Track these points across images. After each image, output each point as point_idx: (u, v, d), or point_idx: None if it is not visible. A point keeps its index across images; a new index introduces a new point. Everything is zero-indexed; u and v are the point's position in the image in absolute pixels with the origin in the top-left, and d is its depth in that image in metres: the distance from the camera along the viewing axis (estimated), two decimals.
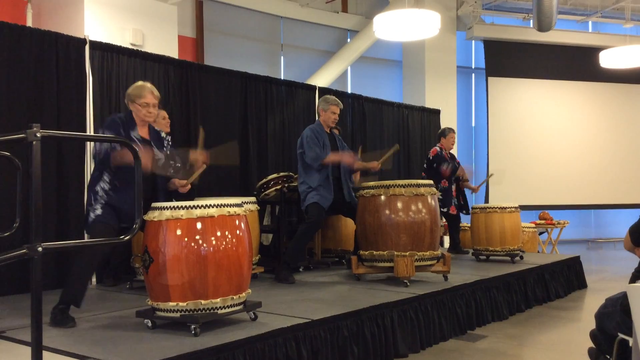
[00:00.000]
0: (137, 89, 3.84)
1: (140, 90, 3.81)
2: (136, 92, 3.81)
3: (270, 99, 7.16)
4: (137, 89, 3.83)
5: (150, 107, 3.80)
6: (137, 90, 3.82)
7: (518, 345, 4.33)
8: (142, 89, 3.82)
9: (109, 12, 6.81)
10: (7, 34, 4.86)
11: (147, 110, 3.80)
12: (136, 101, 3.79)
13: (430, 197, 4.87)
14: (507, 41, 12.06)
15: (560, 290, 6.21)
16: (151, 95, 3.80)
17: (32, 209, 1.98)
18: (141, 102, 3.78)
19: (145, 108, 3.78)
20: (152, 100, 3.80)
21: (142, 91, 3.80)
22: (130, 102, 3.84)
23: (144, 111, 3.79)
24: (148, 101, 3.79)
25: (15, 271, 4.65)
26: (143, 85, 3.85)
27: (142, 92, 3.79)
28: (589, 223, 13.40)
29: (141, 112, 3.79)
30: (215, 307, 3.19)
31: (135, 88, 3.86)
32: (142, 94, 3.79)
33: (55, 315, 3.46)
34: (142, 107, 3.78)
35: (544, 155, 12.05)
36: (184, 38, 8.70)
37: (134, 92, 3.82)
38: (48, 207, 4.90)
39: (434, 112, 9.98)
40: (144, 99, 3.78)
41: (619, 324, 2.70)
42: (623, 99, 12.65)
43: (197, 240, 3.15)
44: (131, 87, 3.92)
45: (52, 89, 5.11)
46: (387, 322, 3.90)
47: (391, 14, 7.60)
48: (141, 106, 3.78)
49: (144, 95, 3.78)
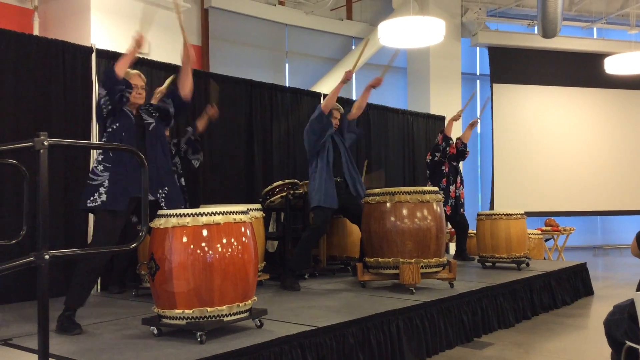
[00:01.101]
0: (125, 74, 3.92)
1: (127, 74, 3.89)
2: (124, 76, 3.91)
3: (276, 106, 7.17)
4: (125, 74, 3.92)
5: (139, 89, 3.90)
6: (125, 75, 3.91)
7: (524, 352, 4.31)
8: (128, 72, 3.91)
9: (115, 20, 6.85)
10: (14, 42, 4.89)
11: (137, 92, 3.89)
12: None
13: (435, 204, 4.87)
14: (511, 48, 12.06)
15: (567, 298, 6.18)
16: (139, 78, 3.93)
17: (39, 217, 1.99)
18: (132, 84, 3.86)
19: (134, 90, 3.87)
20: (140, 82, 3.91)
21: (129, 75, 3.89)
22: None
23: (133, 93, 3.87)
24: (136, 82, 3.89)
25: (22, 279, 4.66)
26: (127, 71, 3.93)
27: (129, 75, 3.88)
28: (595, 229, 13.34)
29: (131, 94, 3.86)
30: (221, 315, 3.19)
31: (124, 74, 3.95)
32: (129, 76, 3.88)
33: (62, 323, 3.47)
34: (132, 88, 3.87)
35: (550, 161, 12.02)
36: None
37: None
38: (55, 215, 4.92)
39: (439, 118, 9.98)
40: (132, 81, 3.87)
41: (627, 332, 2.69)
42: (628, 105, 12.62)
43: (203, 247, 3.16)
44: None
45: (58, 97, 5.13)
46: (393, 330, 3.89)
47: (396, 21, 7.62)
48: (132, 88, 3.88)
49: (132, 78, 3.88)
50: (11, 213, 4.64)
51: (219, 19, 9.49)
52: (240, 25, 9.75)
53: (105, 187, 3.59)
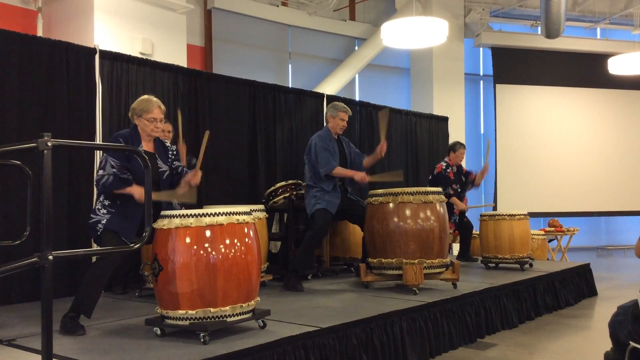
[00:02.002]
0: (143, 102, 3.76)
1: (148, 105, 3.73)
2: (143, 106, 3.74)
3: (279, 107, 7.18)
4: (143, 103, 3.76)
5: (158, 122, 3.74)
6: (143, 104, 3.75)
7: (528, 353, 4.30)
8: (149, 103, 3.74)
9: (119, 21, 6.86)
10: (17, 43, 4.90)
11: (155, 125, 3.73)
12: (143, 116, 3.72)
13: (438, 205, 4.86)
14: (515, 48, 12.04)
15: (570, 298, 6.17)
16: (158, 110, 3.74)
17: (43, 218, 2.00)
18: (149, 117, 3.71)
19: (152, 123, 3.72)
20: (160, 115, 3.75)
21: (150, 106, 3.73)
22: (136, 116, 3.76)
23: (151, 126, 3.72)
24: (155, 116, 3.72)
25: (26, 279, 4.67)
26: (149, 100, 3.77)
27: (150, 107, 3.72)
28: (599, 230, 13.30)
29: (148, 127, 3.72)
30: (224, 315, 3.19)
31: (142, 102, 3.78)
32: (150, 108, 3.72)
33: (66, 323, 3.47)
34: (149, 122, 3.72)
35: (553, 162, 12.00)
36: (193, 47, 8.75)
37: (140, 107, 3.75)
38: (59, 216, 4.93)
39: (442, 119, 9.97)
40: (152, 114, 3.72)
41: (631, 332, 2.68)
42: (632, 105, 12.59)
43: (206, 248, 3.16)
44: (137, 101, 3.84)
45: (62, 98, 5.14)
46: (397, 331, 3.89)
47: (399, 22, 7.62)
48: (149, 121, 3.72)
49: (152, 110, 3.72)
50: (15, 214, 4.65)
51: (222, 20, 9.50)
52: (243, 26, 9.75)
53: (107, 217, 3.60)
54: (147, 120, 3.73)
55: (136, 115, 3.76)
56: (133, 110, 3.79)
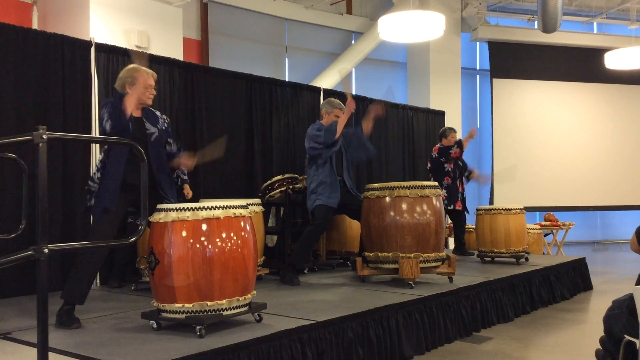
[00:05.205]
0: (134, 71, 3.71)
1: (139, 73, 3.68)
2: (135, 74, 3.69)
3: (275, 100, 7.17)
4: (134, 71, 3.71)
5: (153, 89, 3.74)
6: (134, 72, 3.70)
7: (523, 347, 4.32)
8: (139, 71, 3.69)
9: (114, 14, 6.83)
10: (12, 36, 4.88)
11: (150, 92, 3.72)
12: (136, 83, 3.66)
13: (435, 199, 4.87)
14: (511, 42, 12.04)
15: (566, 292, 6.19)
16: (152, 78, 3.75)
17: (38, 211, 1.99)
18: (146, 84, 3.69)
19: (148, 90, 3.71)
20: (152, 82, 3.75)
21: (142, 73, 3.68)
22: (128, 85, 3.67)
23: (147, 93, 3.69)
24: (152, 82, 3.72)
25: (21, 272, 4.66)
26: (138, 68, 3.71)
27: (142, 74, 3.68)
28: (595, 224, 13.35)
29: (144, 94, 3.68)
30: (220, 309, 3.19)
31: (133, 70, 3.72)
32: (143, 75, 3.69)
33: (61, 317, 3.47)
34: (145, 88, 3.69)
35: (549, 156, 12.02)
36: (189, 40, 8.72)
37: (133, 74, 3.70)
38: (54, 209, 4.91)
39: (439, 113, 9.97)
40: (149, 81, 3.70)
41: (625, 326, 2.69)
42: (628, 100, 12.61)
43: (203, 241, 3.16)
44: (125, 70, 3.78)
45: (57, 91, 5.12)
46: (392, 324, 3.89)
47: (396, 16, 7.59)
48: (145, 88, 3.68)
49: (146, 77, 3.70)
50: (11, 207, 4.64)
51: (219, 13, 9.47)
52: (239, 19, 9.72)
53: (96, 190, 3.60)
54: (143, 87, 3.69)
55: (128, 83, 3.69)
56: (123, 79, 3.72)
